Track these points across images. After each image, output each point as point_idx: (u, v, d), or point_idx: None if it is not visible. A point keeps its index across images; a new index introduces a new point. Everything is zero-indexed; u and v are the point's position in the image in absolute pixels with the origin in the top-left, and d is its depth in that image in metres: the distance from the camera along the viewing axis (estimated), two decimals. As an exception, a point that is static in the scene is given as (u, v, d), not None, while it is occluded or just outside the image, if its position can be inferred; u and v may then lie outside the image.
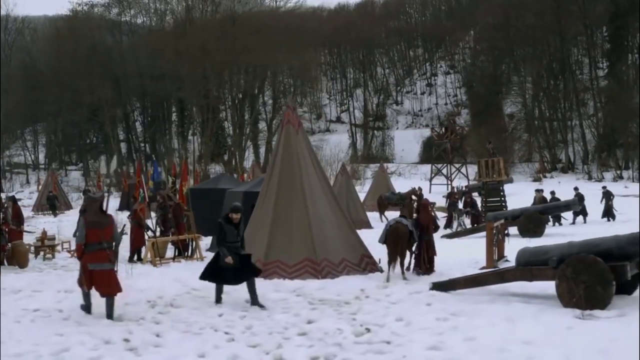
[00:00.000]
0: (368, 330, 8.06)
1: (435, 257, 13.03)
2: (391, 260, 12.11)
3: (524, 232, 19.43)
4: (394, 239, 12.14)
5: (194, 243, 15.89)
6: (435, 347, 7.13)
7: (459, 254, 15.80)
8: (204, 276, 9.91)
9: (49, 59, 63.58)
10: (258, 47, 56.47)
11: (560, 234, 19.67)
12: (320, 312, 9.21)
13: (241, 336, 7.92)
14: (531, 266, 9.92)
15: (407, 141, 73.79)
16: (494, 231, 13.82)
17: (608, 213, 24.53)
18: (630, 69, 64.19)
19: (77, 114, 58.48)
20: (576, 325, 8.09)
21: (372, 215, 27.38)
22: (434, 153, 44.95)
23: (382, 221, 25.53)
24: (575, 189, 25.69)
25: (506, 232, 15.84)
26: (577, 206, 20.67)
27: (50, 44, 65.21)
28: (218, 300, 9.89)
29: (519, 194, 35.36)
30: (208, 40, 53.73)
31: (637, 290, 10.07)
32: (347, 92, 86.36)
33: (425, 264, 12.71)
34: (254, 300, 9.59)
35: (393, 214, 24.32)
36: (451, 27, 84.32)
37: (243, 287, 9.91)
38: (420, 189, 28.89)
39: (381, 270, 13.02)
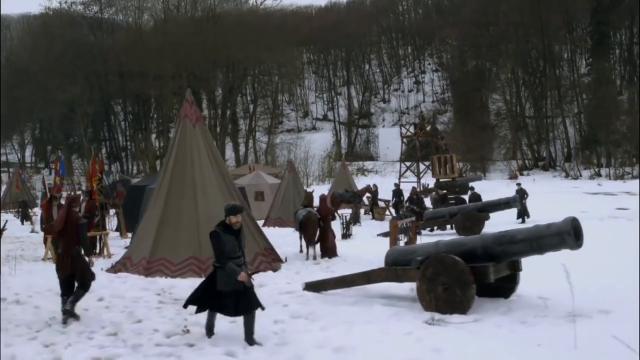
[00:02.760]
0: (187, 331, 7.60)
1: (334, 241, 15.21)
2: (310, 242, 14.61)
3: (461, 230, 18.77)
4: (310, 224, 14.60)
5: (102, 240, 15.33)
6: (231, 354, 6.60)
7: (379, 251, 15.36)
8: (194, 302, 7.28)
9: (23, 57, 62.98)
10: (236, 44, 55.96)
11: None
12: (158, 312, 8.74)
13: (48, 334, 7.51)
14: (396, 266, 9.36)
15: (392, 139, 72.94)
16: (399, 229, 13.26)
17: (523, 212, 22.46)
18: (617, 65, 63.80)
19: (49, 111, 57.97)
20: (416, 331, 7.50)
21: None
22: (403, 150, 44.40)
23: (335, 219, 24.86)
24: (471, 188, 24.16)
25: (418, 230, 15.25)
26: (518, 204, 19.99)
27: (24, 42, 64.62)
28: (210, 332, 7.36)
29: (489, 191, 34.53)
30: (183, 37, 53.18)
31: (514, 294, 9.56)
32: (334, 90, 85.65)
33: (325, 246, 14.81)
34: (249, 337, 7.08)
35: (346, 212, 24.11)
36: (439, 24, 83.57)
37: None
38: (375, 186, 28.43)
39: (274, 270, 12.57)
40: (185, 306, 7.34)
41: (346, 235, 18.60)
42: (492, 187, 38.93)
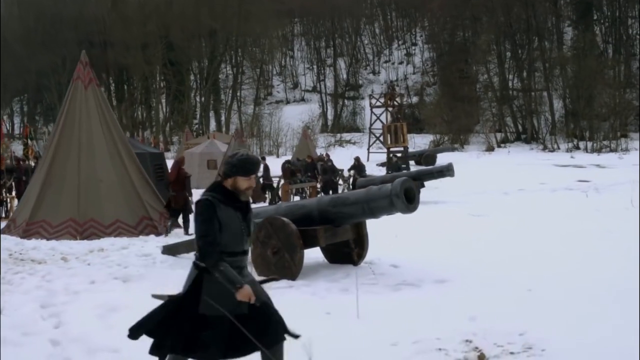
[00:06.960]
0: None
1: None
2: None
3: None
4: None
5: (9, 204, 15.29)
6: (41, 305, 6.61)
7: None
8: (150, 333, 3.85)
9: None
10: (218, 13, 55.46)
11: (441, 201, 18.63)
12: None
13: None
14: (238, 229, 9.19)
15: (379, 110, 72.40)
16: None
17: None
18: (608, 37, 62.79)
19: (23, 82, 57.81)
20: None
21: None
22: (372, 121, 44.04)
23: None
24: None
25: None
26: (452, 172, 19.72)
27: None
28: None
29: (463, 162, 33.68)
30: (163, 5, 52.70)
31: (364, 260, 9.30)
32: (322, 62, 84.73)
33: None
34: None
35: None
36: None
37: None
38: (327, 155, 28.36)
39: (157, 235, 12.40)
40: (133, 336, 3.83)
41: (272, 205, 18.44)
42: (461, 158, 38.63)
